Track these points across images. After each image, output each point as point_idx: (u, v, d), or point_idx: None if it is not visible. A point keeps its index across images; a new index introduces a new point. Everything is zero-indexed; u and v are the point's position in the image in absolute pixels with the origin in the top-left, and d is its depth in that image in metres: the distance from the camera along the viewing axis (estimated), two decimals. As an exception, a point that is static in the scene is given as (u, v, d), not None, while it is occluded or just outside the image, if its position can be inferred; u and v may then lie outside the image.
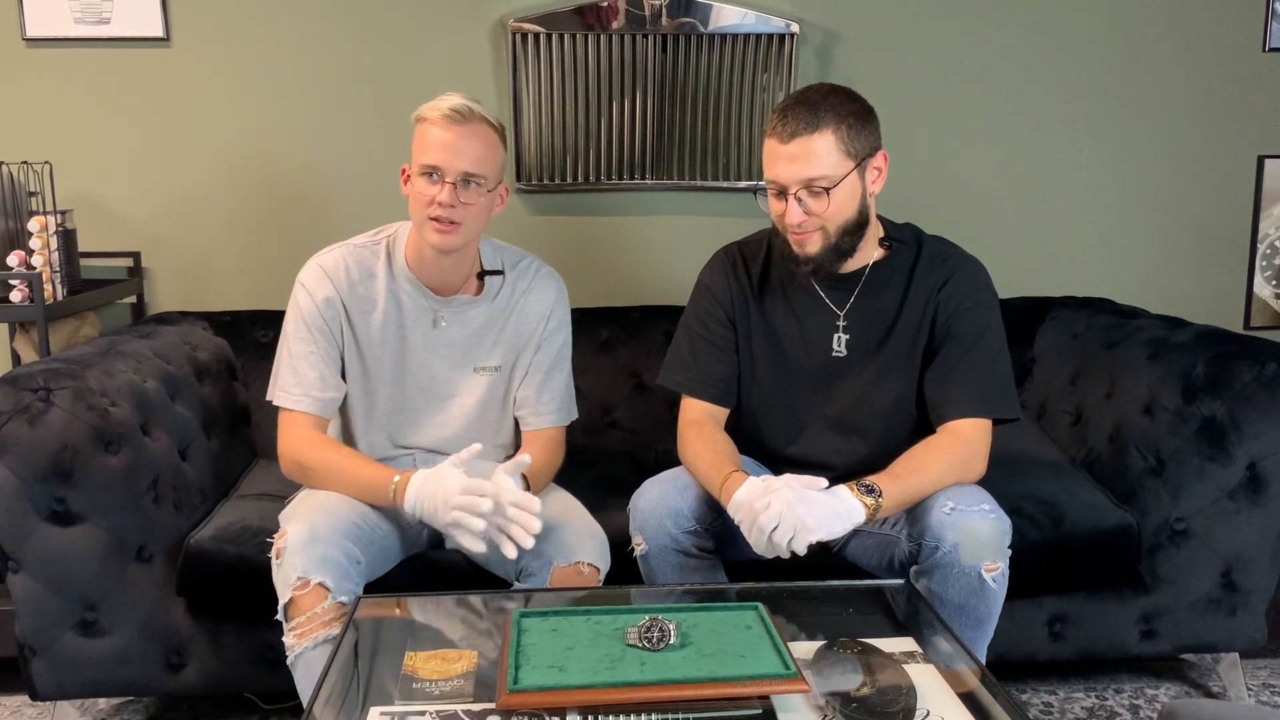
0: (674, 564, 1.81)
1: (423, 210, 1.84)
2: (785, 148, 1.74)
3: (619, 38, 2.63)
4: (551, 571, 1.78)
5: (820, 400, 1.91)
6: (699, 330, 1.96)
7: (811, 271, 1.82)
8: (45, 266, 2.32)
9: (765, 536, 1.58)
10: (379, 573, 1.88)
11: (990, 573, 1.68)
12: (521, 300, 2.01)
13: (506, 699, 1.28)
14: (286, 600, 1.67)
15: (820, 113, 1.74)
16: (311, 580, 1.65)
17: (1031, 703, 2.21)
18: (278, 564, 1.71)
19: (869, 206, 1.82)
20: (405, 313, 1.94)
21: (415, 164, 1.85)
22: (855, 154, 1.76)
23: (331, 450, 1.88)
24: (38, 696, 1.99)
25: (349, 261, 1.94)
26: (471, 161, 1.82)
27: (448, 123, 1.82)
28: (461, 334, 1.97)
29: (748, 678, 1.32)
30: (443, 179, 1.81)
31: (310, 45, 2.67)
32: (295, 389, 1.90)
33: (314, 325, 1.91)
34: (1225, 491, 2.08)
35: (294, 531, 1.71)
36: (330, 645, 1.62)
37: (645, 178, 2.75)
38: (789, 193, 1.75)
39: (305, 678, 1.69)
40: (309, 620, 1.66)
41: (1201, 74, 2.83)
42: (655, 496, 1.82)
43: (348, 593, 1.68)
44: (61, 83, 2.63)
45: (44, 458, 1.85)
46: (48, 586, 1.92)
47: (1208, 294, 2.92)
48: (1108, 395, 2.31)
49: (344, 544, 1.72)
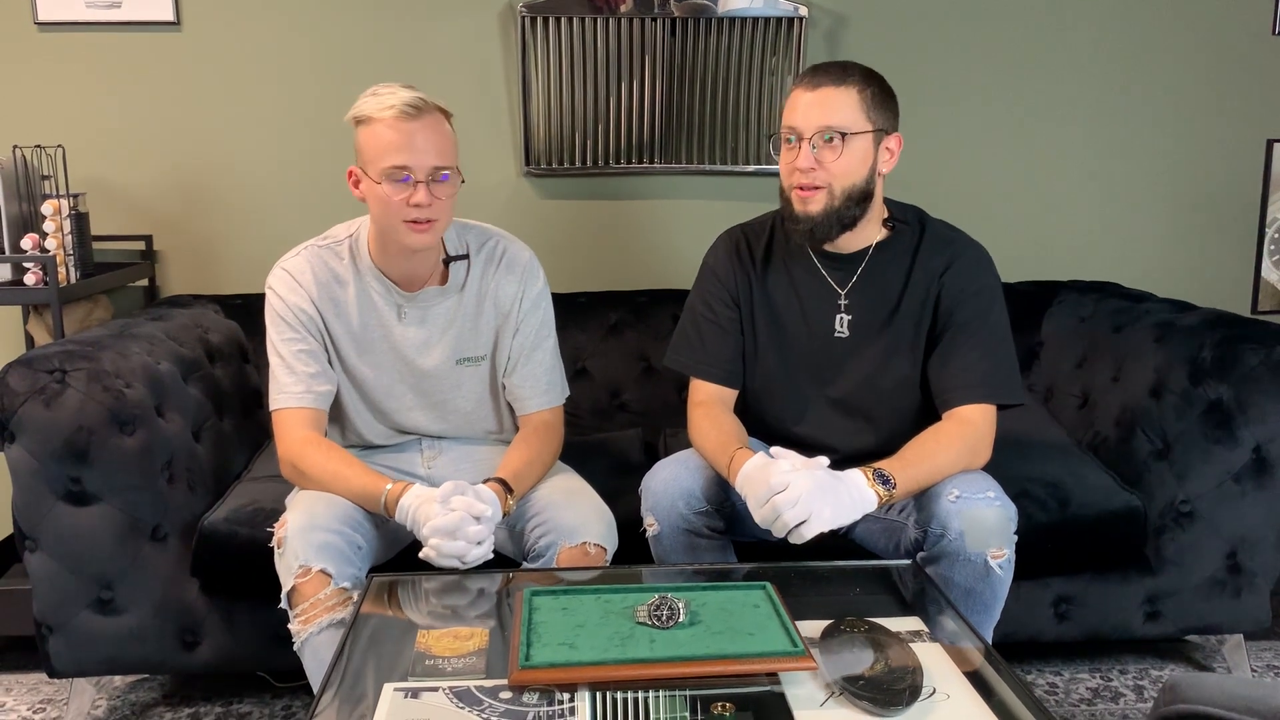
0: (685, 544, 1.83)
1: (395, 214, 1.77)
2: (810, 94, 1.78)
3: (628, 21, 2.64)
4: (559, 552, 1.79)
5: (823, 381, 1.92)
6: (704, 312, 1.97)
7: (808, 233, 1.82)
8: (59, 250, 2.33)
9: (778, 517, 1.57)
10: (387, 556, 1.91)
11: (996, 559, 1.69)
12: (492, 286, 1.95)
13: (518, 675, 1.30)
14: (290, 588, 1.69)
15: (849, 72, 1.79)
16: (313, 568, 1.67)
17: (1037, 683, 2.23)
18: (279, 553, 1.73)
19: (876, 183, 1.83)
20: (378, 311, 1.91)
21: (374, 168, 1.76)
22: (874, 121, 1.78)
23: (326, 454, 1.83)
24: (55, 674, 2.02)
25: (314, 264, 1.90)
26: (438, 154, 1.76)
27: (405, 120, 1.74)
28: (434, 327, 1.93)
29: (756, 655, 1.34)
30: (415, 178, 1.75)
31: (319, 29, 2.67)
32: (293, 386, 1.86)
33: (295, 323, 1.87)
34: (1231, 474, 2.09)
35: (294, 520, 1.72)
36: (336, 629, 1.65)
37: (654, 161, 2.75)
38: (804, 138, 1.77)
39: (313, 662, 1.70)
40: (312, 607, 1.67)
41: (1211, 57, 2.83)
42: (667, 477, 1.84)
43: (350, 578, 1.70)
44: (73, 67, 2.64)
45: (60, 438, 1.87)
46: (64, 565, 1.94)
47: (1216, 278, 2.93)
48: (1114, 378, 2.32)
49: (344, 531, 1.73)
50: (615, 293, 2.70)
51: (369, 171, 1.78)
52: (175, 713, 2.16)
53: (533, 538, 1.84)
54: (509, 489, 1.81)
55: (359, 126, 1.79)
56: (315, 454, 1.83)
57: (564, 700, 1.27)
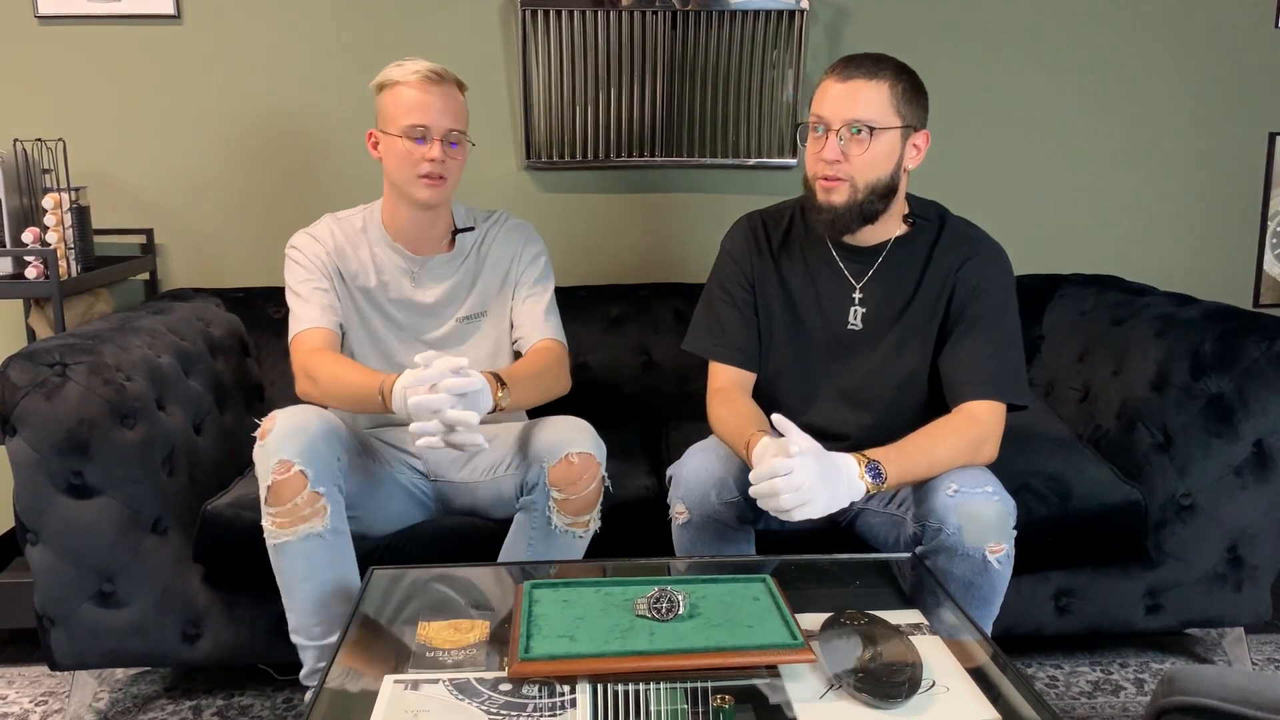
0: (714, 533, 1.81)
1: (410, 169, 1.93)
2: (840, 85, 1.77)
3: (628, 14, 2.63)
4: (546, 474, 1.83)
5: (833, 372, 1.92)
6: (721, 296, 1.97)
7: (829, 223, 1.82)
8: (60, 243, 2.34)
9: (776, 496, 1.56)
10: (387, 529, 1.95)
11: (994, 554, 1.69)
12: (492, 247, 2.10)
13: (518, 667, 1.30)
14: (268, 484, 1.73)
15: (882, 65, 1.78)
16: (294, 465, 1.72)
17: (1038, 676, 2.23)
18: (261, 444, 1.77)
19: (901, 178, 1.83)
20: (389, 274, 2.04)
21: (396, 125, 1.93)
22: (903, 117, 1.78)
23: (332, 360, 1.92)
24: (57, 666, 2.02)
25: (334, 229, 2.04)
26: (454, 119, 1.94)
27: (427, 84, 1.92)
28: (442, 289, 2.05)
29: (755, 647, 1.34)
30: (430, 137, 1.92)
31: (321, 22, 2.67)
32: (309, 312, 1.97)
33: (311, 269, 2.00)
34: (1232, 467, 2.09)
35: (282, 419, 1.78)
36: (314, 541, 1.73)
37: (655, 155, 2.75)
38: (832, 129, 1.77)
39: (288, 568, 1.77)
40: (289, 512, 1.73)
41: (1213, 50, 2.82)
42: (699, 465, 1.82)
43: (326, 484, 1.74)
44: (74, 60, 2.64)
45: (61, 431, 1.87)
46: (65, 558, 1.95)
47: (1218, 271, 2.92)
48: (1115, 372, 2.32)
49: (330, 439, 1.78)
50: (616, 286, 2.70)
51: (389, 129, 1.94)
52: (177, 705, 2.17)
53: (522, 478, 1.89)
54: (501, 382, 1.83)
55: (382, 91, 1.96)
56: (324, 361, 1.91)
57: (563, 692, 1.28)
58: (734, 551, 1.84)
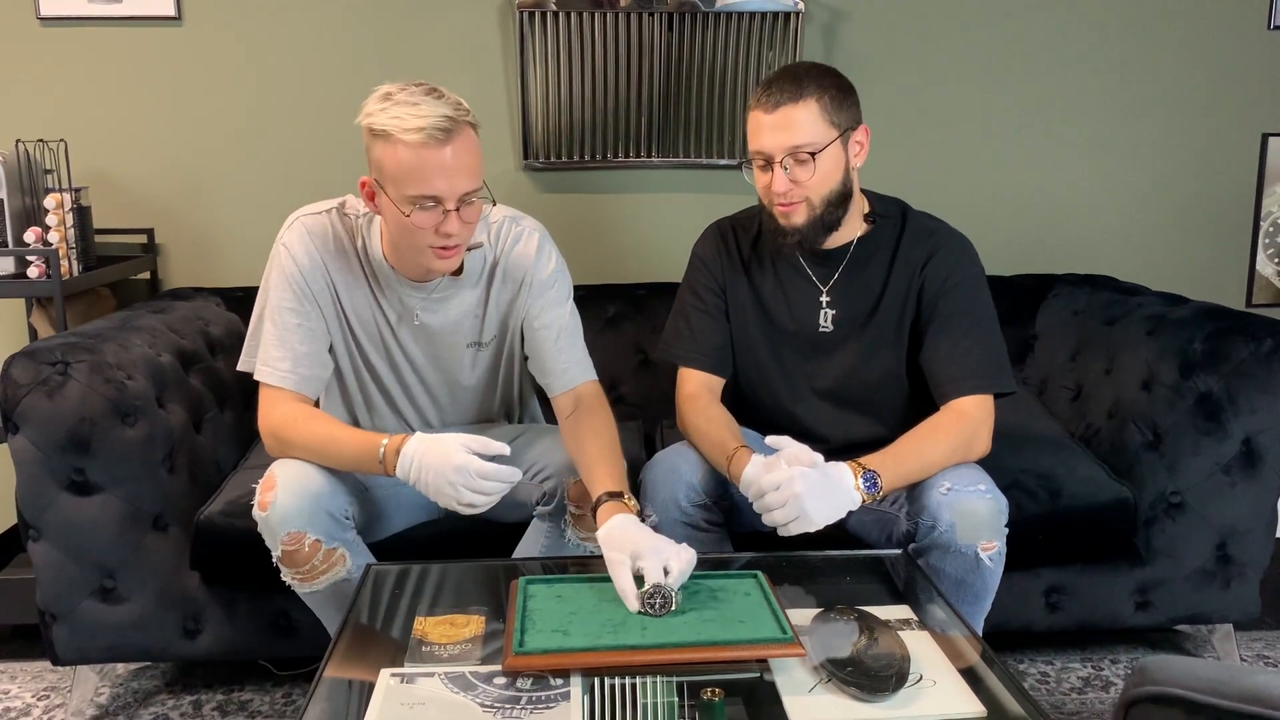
0: (683, 536, 1.83)
1: (421, 241, 1.65)
2: (770, 117, 1.77)
3: (625, 16, 2.65)
4: (567, 489, 1.82)
5: (811, 373, 1.94)
6: (692, 301, 1.99)
7: (796, 243, 1.84)
8: (61, 243, 2.36)
9: (769, 513, 1.62)
10: (386, 533, 1.94)
11: (986, 551, 1.71)
12: (502, 266, 1.86)
13: (512, 661, 1.32)
14: (278, 554, 1.72)
15: (803, 84, 1.77)
16: (305, 536, 1.69)
17: (1028, 672, 2.25)
18: (264, 515, 1.69)
19: (852, 179, 1.84)
20: (387, 299, 1.83)
21: (397, 191, 1.61)
22: (838, 124, 1.78)
23: (310, 420, 1.74)
24: (58, 661, 2.04)
25: (336, 229, 1.79)
26: (469, 179, 1.63)
27: (434, 145, 1.58)
28: (447, 316, 1.85)
29: (746, 642, 1.36)
30: (444, 207, 1.62)
31: (320, 24, 2.69)
32: (283, 364, 1.75)
33: (302, 293, 1.75)
34: (1221, 465, 2.11)
35: (281, 490, 1.67)
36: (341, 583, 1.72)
37: (652, 155, 2.77)
38: (775, 161, 1.78)
39: (320, 604, 1.79)
40: (308, 571, 1.72)
41: (1206, 51, 2.84)
42: (665, 470, 1.85)
43: (340, 536, 1.73)
44: (75, 61, 2.66)
45: (62, 429, 1.89)
46: (67, 554, 1.97)
47: (1210, 271, 2.94)
48: (1107, 371, 2.34)
49: (336, 496, 1.73)
50: (613, 286, 2.71)
51: (388, 191, 1.63)
52: (177, 700, 2.19)
53: (537, 486, 1.86)
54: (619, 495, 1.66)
55: (375, 140, 1.62)
56: (300, 423, 1.73)
57: (557, 685, 1.30)
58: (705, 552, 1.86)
